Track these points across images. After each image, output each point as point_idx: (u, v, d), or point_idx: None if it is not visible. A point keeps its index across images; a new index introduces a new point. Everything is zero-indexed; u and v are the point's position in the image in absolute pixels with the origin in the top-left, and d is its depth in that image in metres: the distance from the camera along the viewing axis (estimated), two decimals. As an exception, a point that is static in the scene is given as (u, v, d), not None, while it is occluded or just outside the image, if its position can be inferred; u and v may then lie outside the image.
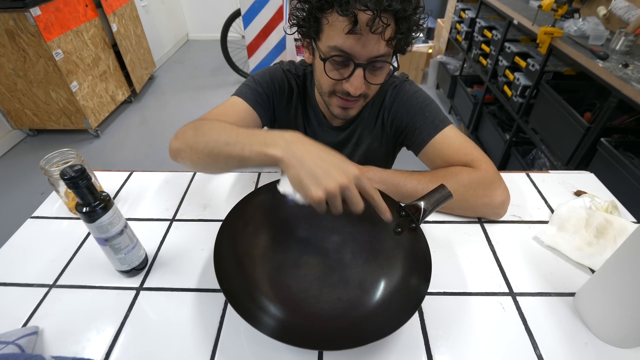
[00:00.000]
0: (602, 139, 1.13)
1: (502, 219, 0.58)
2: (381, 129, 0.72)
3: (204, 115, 0.59)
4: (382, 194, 0.50)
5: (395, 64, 0.58)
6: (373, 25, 0.47)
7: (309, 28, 0.54)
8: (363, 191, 0.40)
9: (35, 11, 1.71)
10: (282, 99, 0.70)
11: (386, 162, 0.79)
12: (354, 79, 0.53)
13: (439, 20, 2.85)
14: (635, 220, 0.57)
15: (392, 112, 0.69)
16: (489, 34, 1.93)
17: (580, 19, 1.39)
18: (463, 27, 2.28)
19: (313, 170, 0.39)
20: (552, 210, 0.60)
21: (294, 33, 0.59)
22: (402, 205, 0.48)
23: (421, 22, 0.53)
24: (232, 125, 0.50)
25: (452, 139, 0.62)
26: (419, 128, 0.65)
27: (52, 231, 0.57)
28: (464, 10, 2.30)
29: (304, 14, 0.54)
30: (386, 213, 0.42)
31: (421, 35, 0.57)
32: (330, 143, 0.67)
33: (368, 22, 0.47)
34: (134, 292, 0.48)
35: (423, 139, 0.64)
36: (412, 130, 0.66)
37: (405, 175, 0.58)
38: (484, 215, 0.58)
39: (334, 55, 0.52)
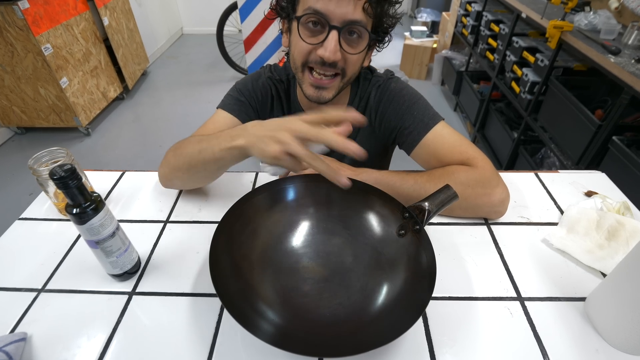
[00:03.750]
0: (613, 137, 1.11)
1: (509, 220, 0.57)
2: (370, 131, 0.70)
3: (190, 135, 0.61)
4: (385, 195, 0.50)
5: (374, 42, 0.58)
6: None
7: (286, 3, 0.56)
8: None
9: (24, 4, 1.67)
10: (265, 107, 0.70)
11: (380, 163, 0.77)
12: (327, 42, 0.52)
13: (444, 13, 2.80)
14: (647, 222, 0.55)
15: (379, 112, 0.67)
16: (496, 28, 1.90)
17: (591, 12, 1.36)
18: (469, 21, 2.24)
19: (264, 135, 0.42)
20: (561, 212, 0.58)
21: (276, 17, 0.60)
22: (406, 206, 0.47)
23: None
24: (204, 134, 0.53)
25: (445, 137, 0.60)
26: (408, 128, 0.62)
27: (40, 233, 0.56)
28: (470, 3, 2.26)
29: None
30: (340, 179, 0.40)
31: (399, 10, 0.58)
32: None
33: None
34: (126, 297, 0.46)
35: (414, 139, 0.62)
36: (401, 130, 0.64)
37: (401, 176, 0.56)
38: (485, 215, 0.56)
39: (308, 14, 0.52)
